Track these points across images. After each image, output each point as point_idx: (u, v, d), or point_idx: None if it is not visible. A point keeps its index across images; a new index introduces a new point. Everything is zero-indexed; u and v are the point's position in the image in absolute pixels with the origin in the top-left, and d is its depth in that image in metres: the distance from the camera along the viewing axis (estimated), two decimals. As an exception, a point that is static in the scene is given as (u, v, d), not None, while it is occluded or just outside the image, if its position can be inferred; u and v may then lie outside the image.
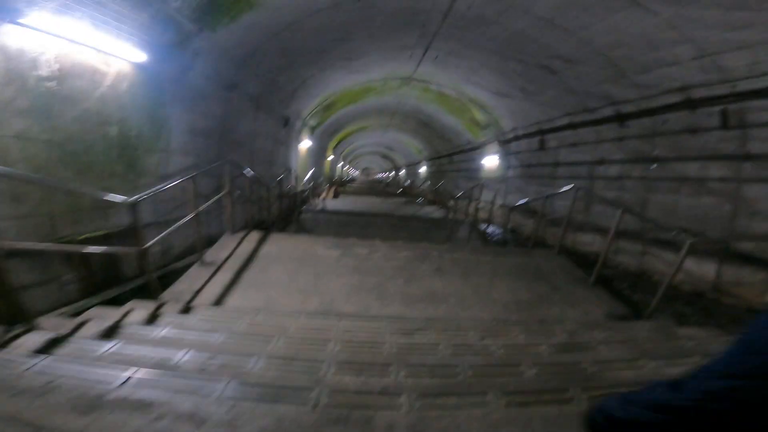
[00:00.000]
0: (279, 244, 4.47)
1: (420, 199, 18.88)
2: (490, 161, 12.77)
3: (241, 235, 4.62)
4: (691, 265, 4.64)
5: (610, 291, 3.97)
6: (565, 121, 8.03)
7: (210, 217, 5.73)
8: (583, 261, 6.06)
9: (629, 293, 4.56)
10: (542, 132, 9.09)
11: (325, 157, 19.20)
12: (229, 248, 4.21)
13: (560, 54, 6.50)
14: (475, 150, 14.14)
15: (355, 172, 52.32)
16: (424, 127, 17.27)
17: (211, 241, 4.88)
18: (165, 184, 3.15)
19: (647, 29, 4.91)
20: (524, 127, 9.83)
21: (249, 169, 5.58)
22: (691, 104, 5.14)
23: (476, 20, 6.36)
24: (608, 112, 6.70)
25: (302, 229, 6.94)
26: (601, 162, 7.03)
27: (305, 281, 3.67)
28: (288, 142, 10.31)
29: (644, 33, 5.02)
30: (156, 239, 2.91)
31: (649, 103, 5.81)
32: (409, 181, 27.22)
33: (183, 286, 3.40)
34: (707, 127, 4.97)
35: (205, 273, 3.65)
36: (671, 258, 4.96)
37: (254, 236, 4.62)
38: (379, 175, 53.75)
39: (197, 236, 3.74)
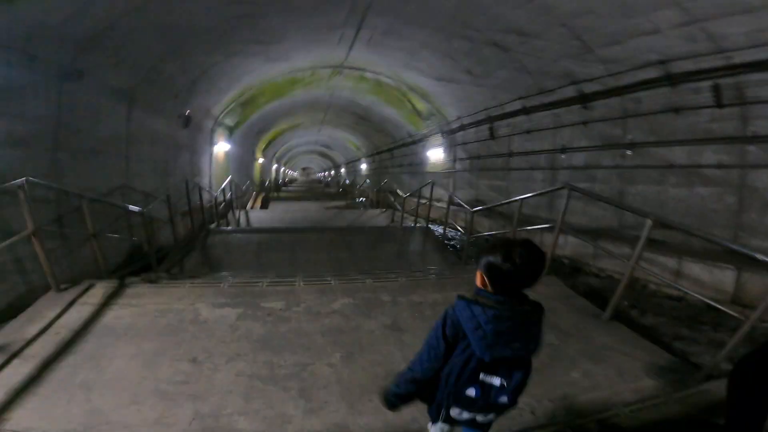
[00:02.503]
0: (137, 305, 2.83)
1: (362, 200, 17.48)
2: (435, 154, 11.77)
3: (74, 293, 2.90)
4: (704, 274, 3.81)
5: (625, 321, 2.93)
6: (517, 105, 7.14)
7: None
8: (554, 268, 5.13)
9: (637, 316, 3.61)
10: (491, 119, 8.17)
11: (253, 160, 17.03)
12: (45, 319, 2.50)
13: (514, 26, 5.48)
14: (418, 143, 13.10)
15: (294, 173, 49.78)
16: (362, 121, 15.92)
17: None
18: None
19: (620, -10, 4.01)
20: (471, 115, 8.88)
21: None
22: (671, 79, 4.33)
23: (415, -16, 5.11)
24: (569, 92, 5.84)
25: (208, 259, 5.24)
26: (563, 150, 6.18)
27: (171, 373, 2.15)
28: (194, 146, 8.33)
29: (616, -5, 4.12)
30: None
31: (618, 80, 4.99)
32: (348, 180, 25.76)
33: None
34: (694, 105, 4.20)
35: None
36: (670, 263, 4.12)
37: (97, 293, 2.93)
38: (319, 174, 51.67)
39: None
